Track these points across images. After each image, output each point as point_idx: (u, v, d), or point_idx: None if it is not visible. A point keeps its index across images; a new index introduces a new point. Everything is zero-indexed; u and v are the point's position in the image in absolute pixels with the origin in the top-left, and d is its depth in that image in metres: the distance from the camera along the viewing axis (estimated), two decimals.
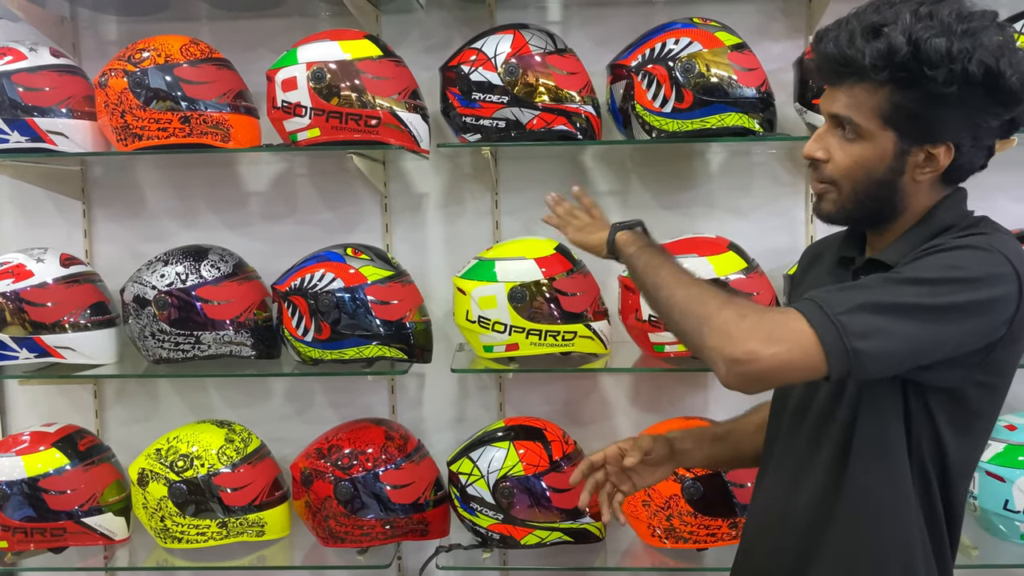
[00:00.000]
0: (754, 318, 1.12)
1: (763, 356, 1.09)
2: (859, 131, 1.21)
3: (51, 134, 2.03)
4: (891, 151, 1.21)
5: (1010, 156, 1.99)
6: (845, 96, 1.21)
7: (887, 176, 1.23)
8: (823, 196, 1.29)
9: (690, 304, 1.20)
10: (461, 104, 2.02)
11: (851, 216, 1.29)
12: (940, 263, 1.14)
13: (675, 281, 1.26)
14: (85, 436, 2.17)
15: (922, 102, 1.16)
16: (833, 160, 1.25)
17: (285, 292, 2.02)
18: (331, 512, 2.03)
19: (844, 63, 1.18)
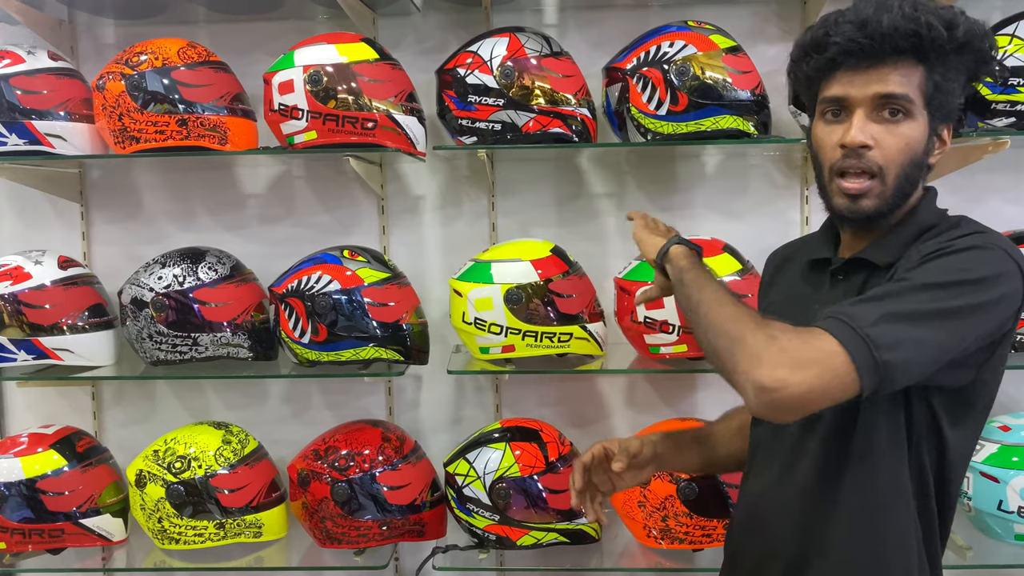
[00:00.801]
0: (784, 340, 1.09)
1: (792, 383, 1.05)
2: (910, 109, 1.19)
3: (49, 137, 2.04)
4: (927, 132, 1.21)
5: (1003, 158, 2.01)
6: (891, 74, 1.18)
7: (923, 158, 1.23)
8: (865, 193, 1.22)
9: (726, 324, 1.15)
10: (457, 107, 2.02)
11: (889, 210, 1.24)
12: (951, 266, 1.14)
13: (716, 300, 1.21)
14: (83, 438, 2.17)
15: (947, 79, 1.19)
16: (880, 145, 1.20)
17: (282, 294, 2.03)
18: (328, 513, 2.04)
19: (906, 34, 1.16)
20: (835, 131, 1.24)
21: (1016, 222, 2.18)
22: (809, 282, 1.38)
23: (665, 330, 1.98)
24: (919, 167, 1.23)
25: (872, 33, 1.17)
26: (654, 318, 1.98)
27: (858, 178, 1.22)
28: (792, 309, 1.37)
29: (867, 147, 1.20)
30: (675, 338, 1.99)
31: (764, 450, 1.40)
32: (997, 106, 1.96)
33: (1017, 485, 1.92)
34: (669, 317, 1.97)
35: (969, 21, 1.18)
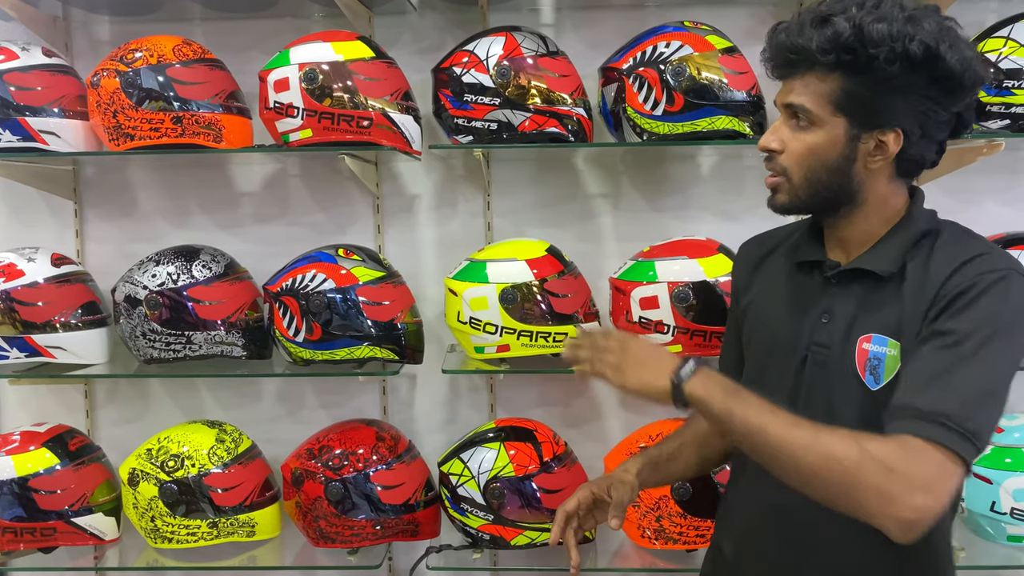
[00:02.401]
0: (901, 468, 1.07)
1: (933, 504, 1.07)
2: (812, 118, 1.25)
3: (43, 134, 2.03)
4: (843, 137, 1.25)
5: (998, 160, 2.02)
6: (797, 85, 1.26)
7: (839, 163, 1.26)
8: (777, 188, 1.32)
9: (827, 471, 1.10)
10: (453, 106, 2.02)
11: (805, 205, 1.32)
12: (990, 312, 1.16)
13: (797, 443, 1.13)
14: (75, 436, 2.17)
15: (870, 86, 1.21)
16: (787, 149, 1.28)
17: (276, 292, 2.03)
18: (322, 512, 2.03)
19: (794, 51, 1.24)
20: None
21: (1010, 224, 2.18)
22: (796, 284, 1.38)
23: (660, 330, 1.98)
24: (835, 172, 1.26)
25: (772, 47, 1.28)
26: (649, 318, 1.98)
27: (772, 175, 1.32)
28: (778, 313, 1.38)
29: (772, 150, 1.30)
30: (670, 338, 1.99)
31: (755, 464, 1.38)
32: (992, 108, 1.97)
33: (1010, 487, 1.92)
34: (664, 317, 1.97)
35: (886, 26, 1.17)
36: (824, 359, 1.29)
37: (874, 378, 1.25)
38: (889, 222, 1.30)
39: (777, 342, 1.36)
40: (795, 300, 1.36)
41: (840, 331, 1.28)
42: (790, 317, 1.35)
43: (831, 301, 1.31)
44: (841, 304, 1.30)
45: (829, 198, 1.29)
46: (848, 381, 1.26)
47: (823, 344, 1.29)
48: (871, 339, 1.25)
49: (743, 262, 1.53)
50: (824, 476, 1.10)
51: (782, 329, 1.35)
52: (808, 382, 1.31)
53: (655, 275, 1.98)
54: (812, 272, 1.36)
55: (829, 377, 1.28)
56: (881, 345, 1.24)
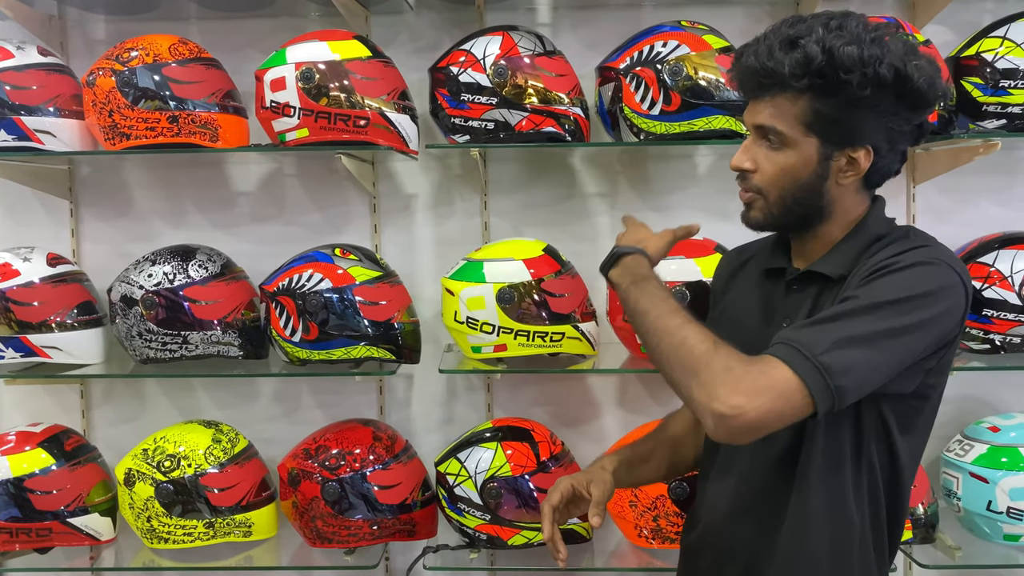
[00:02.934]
0: (739, 370, 1.14)
1: (748, 409, 1.12)
2: (784, 139, 1.27)
3: (38, 133, 2.02)
4: (815, 157, 1.27)
5: (993, 161, 2.02)
6: (768, 107, 1.27)
7: (812, 181, 1.29)
8: (751, 204, 1.34)
9: (678, 353, 1.21)
10: (450, 105, 2.02)
11: (779, 222, 1.35)
12: (897, 284, 1.20)
13: (664, 327, 1.25)
14: (71, 436, 2.16)
15: (840, 107, 1.23)
16: (760, 170, 1.31)
17: (273, 292, 2.02)
18: (318, 512, 2.03)
19: (765, 75, 1.25)
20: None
21: (1006, 224, 2.19)
22: (764, 291, 1.42)
23: None
24: (808, 190, 1.29)
25: (738, 69, 1.30)
26: None
27: (746, 192, 1.35)
28: (748, 318, 1.42)
29: (746, 170, 1.32)
30: None
31: (722, 457, 1.42)
32: (988, 108, 1.97)
33: (1006, 486, 1.93)
34: None
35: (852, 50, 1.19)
36: None
37: None
38: (846, 229, 1.34)
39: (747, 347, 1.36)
40: (763, 306, 1.41)
41: None
42: (758, 322, 1.40)
43: (791, 306, 1.35)
44: (798, 308, 1.34)
45: (802, 216, 1.32)
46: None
47: None
48: None
49: (722, 270, 1.59)
50: (675, 358, 1.21)
51: (752, 334, 1.38)
52: None
53: None
54: (777, 279, 1.41)
55: None
56: None
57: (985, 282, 2.00)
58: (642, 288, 1.34)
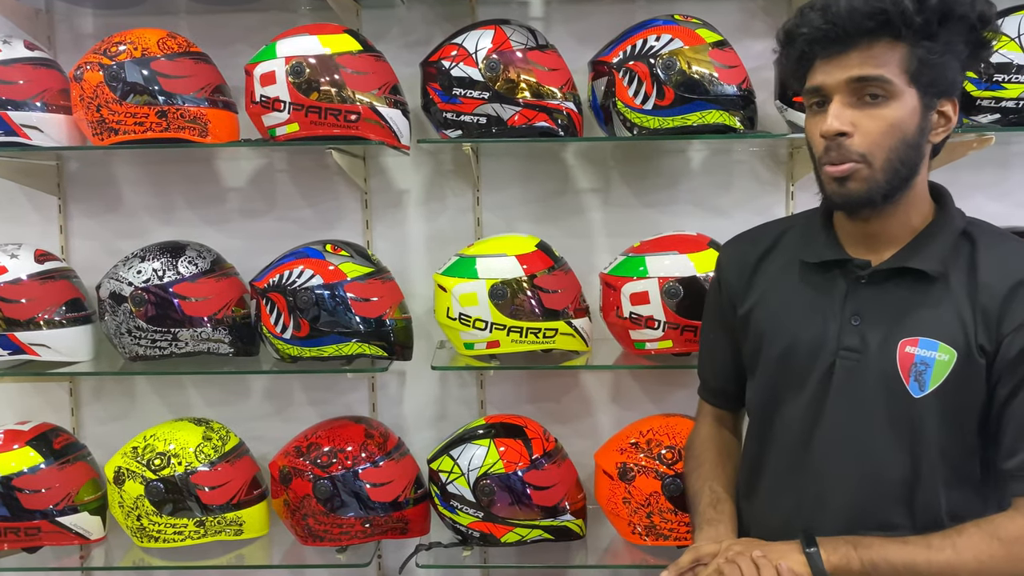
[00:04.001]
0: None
1: None
2: (890, 90, 1.16)
3: (25, 128, 2.00)
4: (918, 109, 1.18)
5: (987, 154, 2.02)
6: (866, 57, 1.16)
7: (917, 138, 1.19)
8: (851, 176, 1.20)
9: (970, 571, 1.14)
10: (442, 100, 2.01)
11: (882, 193, 1.21)
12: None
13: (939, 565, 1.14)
14: (60, 434, 2.14)
15: (938, 53, 1.15)
16: (860, 130, 1.18)
17: (263, 289, 2.01)
18: (310, 510, 2.02)
19: (871, 14, 1.13)
20: (819, 122, 1.22)
21: (1000, 219, 2.15)
22: (816, 287, 1.30)
23: (651, 326, 1.97)
24: (913, 148, 1.19)
25: (834, 18, 1.16)
26: (640, 314, 1.97)
27: (840, 163, 1.20)
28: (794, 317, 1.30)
29: (844, 134, 1.18)
30: (660, 334, 1.98)
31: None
32: (982, 102, 1.97)
33: None
34: (655, 313, 1.96)
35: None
36: (855, 364, 1.23)
37: (918, 384, 1.20)
38: (925, 216, 1.25)
39: (796, 348, 1.29)
40: (814, 302, 1.29)
41: (876, 334, 1.22)
42: (810, 321, 1.28)
43: (861, 302, 1.25)
44: (875, 306, 1.24)
45: (904, 180, 1.21)
46: (886, 387, 1.21)
47: (854, 348, 1.23)
48: (917, 343, 1.20)
49: (736, 264, 1.45)
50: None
51: (803, 334, 1.29)
52: (837, 388, 1.25)
53: (646, 270, 1.97)
54: (831, 272, 1.29)
55: (862, 383, 1.23)
56: (930, 349, 1.19)
57: None
58: (870, 546, 1.18)
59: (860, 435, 1.22)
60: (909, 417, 1.21)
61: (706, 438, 1.57)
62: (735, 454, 1.54)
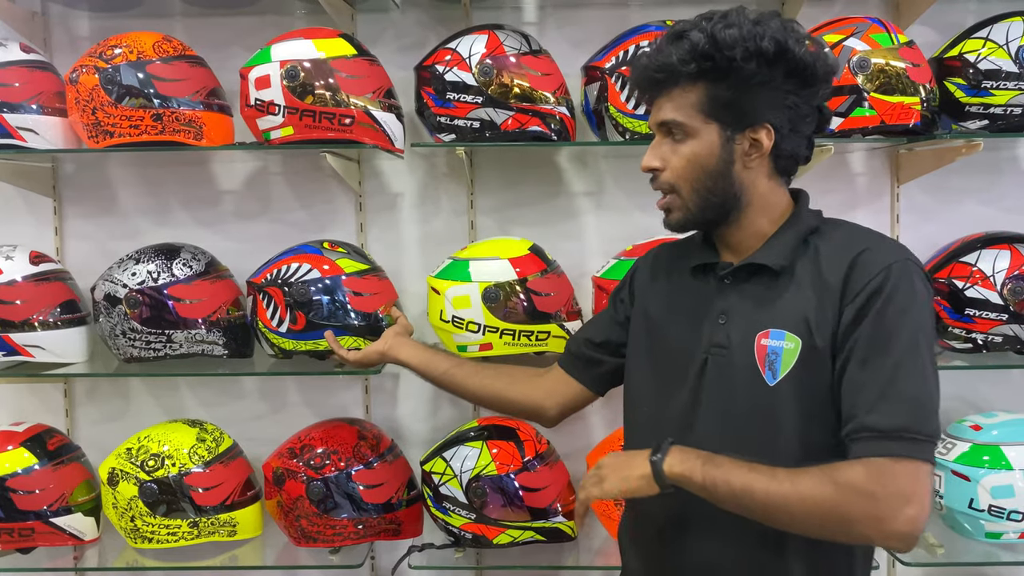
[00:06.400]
0: (881, 491, 1.13)
1: (920, 513, 1.13)
2: (685, 129, 1.30)
3: (21, 130, 2.01)
4: (717, 141, 1.30)
5: (977, 160, 2.04)
6: (666, 103, 1.31)
7: (720, 167, 1.31)
8: (669, 209, 1.36)
9: (811, 510, 1.16)
10: (436, 104, 2.02)
11: (699, 218, 1.35)
12: (908, 306, 1.21)
13: (779, 493, 1.17)
14: (54, 435, 2.15)
15: (733, 89, 1.27)
16: (669, 166, 1.33)
17: (260, 284, 2.02)
18: (303, 512, 2.03)
19: (658, 70, 1.29)
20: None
21: (990, 223, 2.21)
22: (694, 291, 1.41)
23: None
24: (717, 176, 1.31)
25: (636, 72, 1.35)
26: None
27: (661, 196, 1.37)
28: (675, 320, 1.40)
29: (656, 169, 1.35)
30: None
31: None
32: (970, 109, 1.99)
33: (988, 484, 1.94)
34: None
35: (734, 32, 1.24)
36: (724, 359, 1.32)
37: (772, 373, 1.27)
38: (776, 222, 1.35)
39: (677, 348, 1.38)
40: (692, 305, 1.40)
41: (738, 330, 1.31)
42: (688, 322, 1.38)
43: (726, 302, 1.35)
44: (736, 303, 1.33)
45: (718, 204, 1.33)
46: (748, 378, 1.29)
47: (722, 345, 1.32)
48: (768, 334, 1.28)
49: (649, 261, 1.56)
50: (817, 521, 1.17)
51: (681, 335, 1.38)
52: (710, 383, 1.33)
53: None
54: (707, 276, 1.40)
55: (730, 376, 1.31)
56: (778, 339, 1.27)
57: (967, 281, 2.02)
58: (717, 465, 1.22)
59: (731, 424, 1.30)
60: (767, 404, 1.27)
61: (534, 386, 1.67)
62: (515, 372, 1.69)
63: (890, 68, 1.93)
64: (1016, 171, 2.28)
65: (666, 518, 1.37)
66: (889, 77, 1.93)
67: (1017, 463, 1.94)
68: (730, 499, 1.21)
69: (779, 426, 1.26)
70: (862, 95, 1.93)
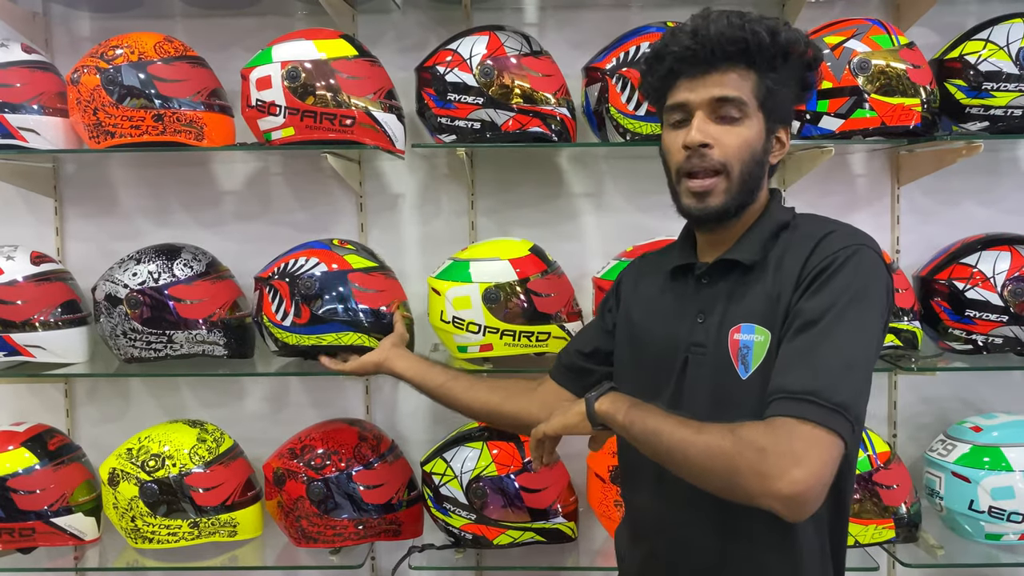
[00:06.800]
0: (772, 447, 1.11)
1: (808, 479, 1.09)
2: (745, 111, 1.29)
3: (22, 131, 2.01)
4: (764, 132, 1.31)
5: (977, 162, 2.04)
6: (725, 79, 1.28)
7: (763, 157, 1.32)
8: (711, 191, 1.30)
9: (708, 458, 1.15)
10: (436, 105, 2.02)
11: (737, 205, 1.32)
12: (850, 284, 1.21)
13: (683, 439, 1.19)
14: (55, 435, 2.15)
15: (778, 84, 1.29)
16: (720, 144, 1.29)
17: (267, 278, 2.01)
18: (304, 512, 2.03)
19: (731, 42, 1.26)
20: (679, 135, 1.32)
21: (989, 225, 2.21)
22: (674, 292, 1.42)
23: None
24: (759, 165, 1.32)
25: (703, 40, 1.28)
26: None
27: (704, 177, 1.30)
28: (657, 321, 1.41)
29: (707, 146, 1.28)
30: None
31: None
32: (971, 110, 1.99)
33: (988, 485, 1.94)
34: None
35: (790, 31, 1.29)
36: (703, 358, 1.32)
37: (744, 367, 1.28)
38: (753, 217, 1.36)
39: (656, 348, 1.39)
40: (672, 307, 1.40)
41: (714, 327, 1.32)
42: (669, 323, 1.39)
43: (704, 301, 1.35)
44: (712, 301, 1.34)
45: (749, 193, 1.33)
46: (723, 374, 1.29)
47: (700, 343, 1.33)
48: (740, 329, 1.29)
49: (633, 269, 1.57)
50: (708, 467, 1.16)
51: (662, 338, 1.38)
52: (691, 382, 1.33)
53: None
54: (686, 276, 1.41)
55: (708, 373, 1.31)
56: (749, 333, 1.28)
57: (968, 283, 2.02)
58: (641, 409, 1.26)
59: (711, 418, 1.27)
60: (741, 398, 1.28)
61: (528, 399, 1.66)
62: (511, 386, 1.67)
63: (891, 70, 1.93)
64: (1017, 173, 2.29)
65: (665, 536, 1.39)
66: (890, 79, 1.93)
67: (1017, 464, 1.94)
68: (642, 439, 1.23)
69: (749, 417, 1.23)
70: (863, 96, 1.93)
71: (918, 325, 2.06)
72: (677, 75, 1.32)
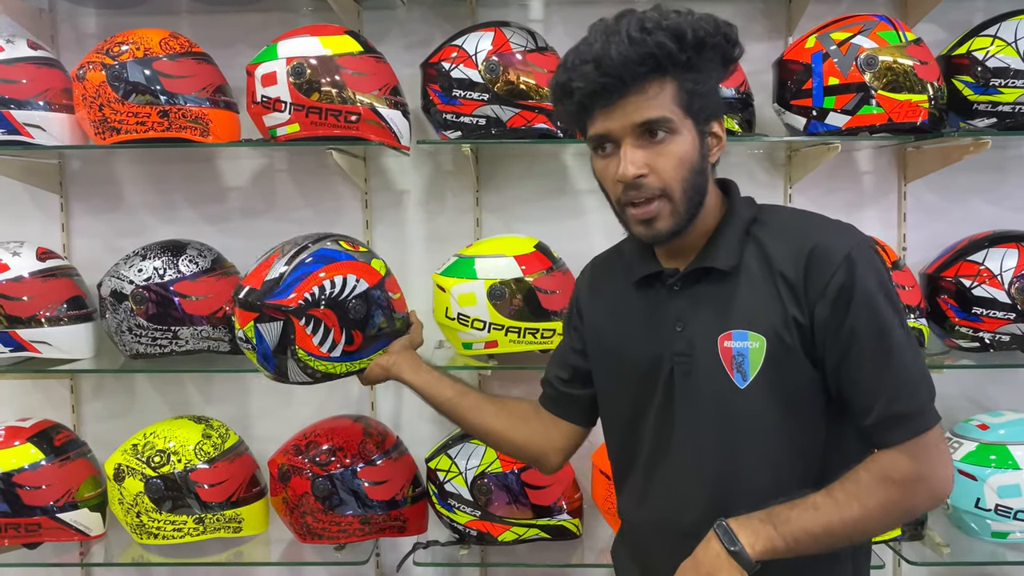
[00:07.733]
0: (925, 471, 1.20)
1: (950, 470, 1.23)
2: (672, 126, 1.20)
3: (28, 127, 2.02)
4: (696, 137, 1.23)
5: (984, 158, 2.03)
6: (641, 101, 1.19)
7: (701, 164, 1.24)
8: (657, 215, 1.22)
9: (882, 520, 1.21)
10: (442, 101, 2.02)
11: (686, 222, 1.25)
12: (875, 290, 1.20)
13: (847, 521, 1.19)
14: (61, 431, 2.15)
15: (698, 81, 1.21)
16: (655, 170, 1.21)
17: (297, 308, 1.60)
18: (308, 508, 2.03)
19: (640, 61, 1.16)
20: (610, 164, 1.25)
21: (995, 222, 2.20)
22: (643, 302, 1.35)
23: None
24: (701, 174, 1.24)
25: (608, 70, 1.17)
26: None
27: (645, 205, 1.22)
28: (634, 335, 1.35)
29: (641, 176, 1.21)
30: None
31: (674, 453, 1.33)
32: (978, 107, 1.98)
33: (994, 483, 1.93)
34: None
35: (697, 21, 1.19)
36: (689, 367, 1.27)
37: (741, 375, 1.24)
38: (716, 217, 1.30)
39: (636, 362, 1.34)
40: (644, 319, 1.34)
41: (698, 335, 1.27)
42: (643, 334, 1.33)
43: (680, 309, 1.29)
44: (691, 309, 1.28)
45: (698, 204, 1.26)
46: (717, 383, 1.25)
47: (684, 353, 1.28)
48: (731, 336, 1.25)
49: (586, 281, 1.51)
50: (890, 523, 1.23)
51: (639, 348, 1.33)
52: (680, 393, 1.29)
53: None
54: (653, 286, 1.34)
55: (698, 383, 1.27)
56: (742, 340, 1.24)
57: (975, 280, 2.01)
58: (786, 521, 1.19)
59: (706, 431, 1.27)
60: (741, 407, 1.24)
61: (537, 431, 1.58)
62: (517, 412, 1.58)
63: (898, 66, 1.92)
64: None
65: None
66: (897, 75, 1.92)
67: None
68: (815, 546, 1.19)
69: (758, 428, 1.24)
70: (869, 93, 1.92)
71: (925, 323, 2.05)
72: (590, 108, 1.22)
